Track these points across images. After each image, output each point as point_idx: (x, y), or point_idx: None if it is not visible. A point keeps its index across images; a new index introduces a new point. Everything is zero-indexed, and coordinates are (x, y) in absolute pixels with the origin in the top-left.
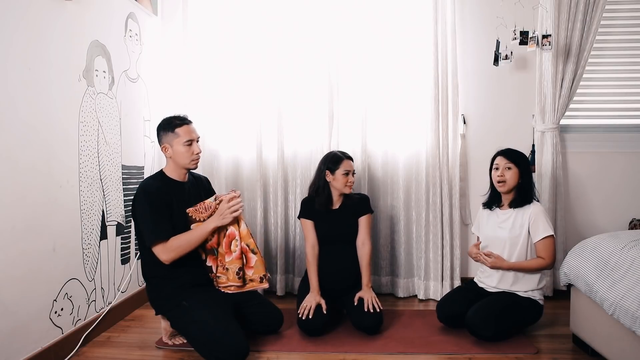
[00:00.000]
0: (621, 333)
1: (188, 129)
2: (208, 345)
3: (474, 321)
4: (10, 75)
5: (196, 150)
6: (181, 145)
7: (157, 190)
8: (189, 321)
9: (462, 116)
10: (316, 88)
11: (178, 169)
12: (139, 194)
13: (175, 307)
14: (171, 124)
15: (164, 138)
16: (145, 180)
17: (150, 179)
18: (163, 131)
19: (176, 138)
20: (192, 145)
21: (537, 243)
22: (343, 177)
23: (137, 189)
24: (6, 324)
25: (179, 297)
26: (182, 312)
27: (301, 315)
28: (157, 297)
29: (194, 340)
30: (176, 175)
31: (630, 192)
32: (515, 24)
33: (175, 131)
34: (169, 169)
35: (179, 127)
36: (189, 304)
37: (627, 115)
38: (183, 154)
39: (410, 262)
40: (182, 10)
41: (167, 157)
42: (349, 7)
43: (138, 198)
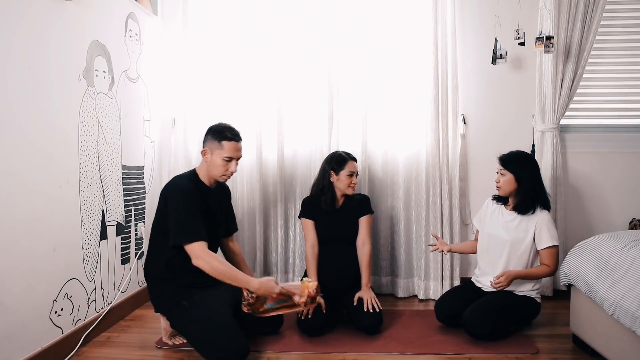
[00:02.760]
0: (621, 333)
1: (234, 146)
2: (208, 345)
3: (470, 320)
4: (10, 76)
5: (232, 169)
6: (220, 159)
7: (193, 191)
8: (189, 321)
9: (462, 116)
10: (316, 88)
11: (209, 176)
12: (175, 192)
13: (175, 306)
14: (221, 135)
15: (209, 143)
16: (179, 178)
17: (185, 178)
18: (211, 136)
19: (219, 149)
20: (230, 163)
21: (541, 251)
22: (347, 178)
23: (169, 186)
24: (6, 324)
25: (179, 296)
26: (182, 312)
27: (300, 315)
28: (158, 295)
29: (193, 340)
30: (206, 180)
31: (630, 192)
32: (518, 24)
33: (222, 143)
34: (202, 171)
35: (226, 141)
36: (189, 304)
37: (627, 115)
38: (218, 167)
39: (410, 262)
40: (182, 10)
41: (203, 162)
42: (348, 7)
43: (173, 196)
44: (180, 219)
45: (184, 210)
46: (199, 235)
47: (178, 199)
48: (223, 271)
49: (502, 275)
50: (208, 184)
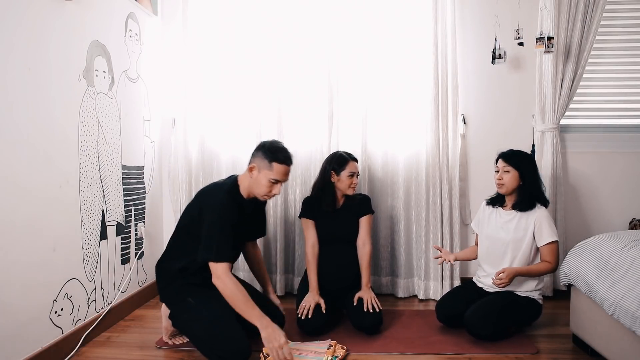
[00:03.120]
0: (621, 333)
1: (284, 170)
2: (210, 344)
3: (472, 320)
4: (10, 76)
5: (275, 192)
6: (267, 179)
7: (232, 208)
8: (193, 318)
9: (462, 116)
10: (316, 88)
11: (249, 191)
12: (214, 206)
13: (181, 301)
14: (274, 156)
15: (259, 160)
16: (220, 189)
17: (226, 191)
18: (263, 153)
19: (268, 170)
20: (276, 185)
21: (541, 247)
22: (348, 179)
23: (209, 196)
24: (6, 324)
25: (185, 292)
26: (187, 308)
27: (300, 315)
28: (165, 286)
29: (195, 337)
30: (245, 194)
31: (630, 192)
32: (518, 24)
33: (272, 164)
34: (243, 184)
35: (277, 163)
36: (195, 301)
37: (627, 115)
38: (262, 187)
39: (410, 262)
40: (182, 10)
41: (248, 175)
42: (348, 7)
43: (211, 209)
44: (213, 236)
45: (219, 227)
46: (226, 256)
47: (216, 214)
48: (238, 299)
49: (502, 272)
50: (246, 197)
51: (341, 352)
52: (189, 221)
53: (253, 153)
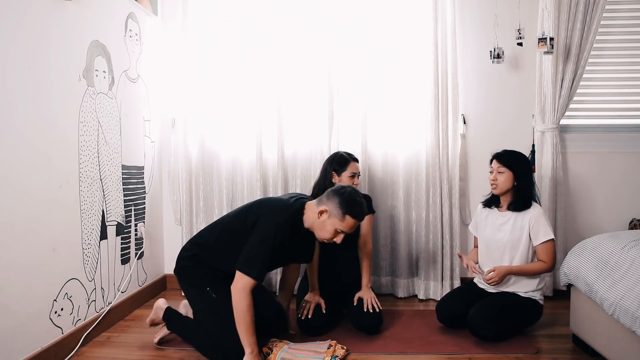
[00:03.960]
0: (621, 333)
1: (354, 225)
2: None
3: (475, 321)
4: (10, 76)
5: (338, 241)
6: (334, 228)
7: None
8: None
9: (462, 116)
10: (316, 88)
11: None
12: (270, 223)
13: (201, 288)
14: (350, 210)
15: (332, 206)
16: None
17: (291, 215)
18: (339, 202)
19: (339, 220)
20: (338, 235)
21: (537, 247)
22: (349, 180)
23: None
24: (6, 324)
25: (207, 280)
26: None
27: (300, 315)
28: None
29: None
30: (306, 225)
31: (630, 192)
32: (519, 24)
33: (345, 217)
34: (309, 216)
35: (351, 217)
36: (214, 293)
37: (627, 115)
38: (327, 233)
39: (410, 262)
40: (182, 10)
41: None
42: (348, 7)
43: (267, 225)
44: (254, 249)
45: (265, 245)
46: (256, 274)
47: (270, 231)
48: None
49: (492, 271)
50: (306, 227)
51: (341, 352)
52: (239, 226)
53: (328, 194)
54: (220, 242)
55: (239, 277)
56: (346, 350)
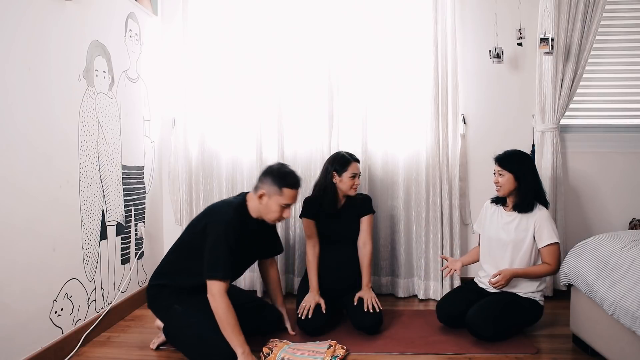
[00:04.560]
0: (621, 333)
1: (295, 194)
2: (200, 349)
3: (474, 321)
4: (10, 76)
5: (286, 216)
6: (277, 205)
7: (237, 227)
8: (181, 325)
9: (462, 116)
10: (316, 88)
11: (259, 215)
12: (221, 222)
13: (167, 308)
14: (284, 181)
15: (267, 187)
16: (229, 207)
17: (234, 210)
18: (272, 180)
19: (278, 196)
20: (287, 209)
21: (542, 249)
22: (350, 180)
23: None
24: (6, 324)
25: (172, 300)
26: (174, 316)
27: (300, 315)
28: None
29: (184, 345)
30: (255, 215)
31: (630, 192)
32: (520, 24)
33: (282, 190)
34: (252, 206)
35: (288, 189)
36: (182, 308)
37: (627, 115)
38: (273, 212)
39: (410, 262)
40: (182, 10)
41: (257, 199)
42: (348, 7)
43: (216, 227)
44: (212, 253)
45: (222, 246)
46: (224, 275)
47: (221, 231)
48: (228, 322)
49: (498, 274)
50: (255, 217)
51: (341, 352)
52: (193, 238)
53: (260, 179)
54: (181, 259)
55: (209, 285)
56: (346, 350)
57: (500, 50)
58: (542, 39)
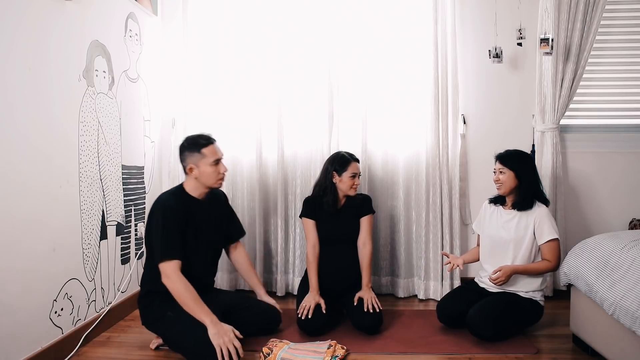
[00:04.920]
0: (621, 333)
1: (214, 148)
2: (199, 352)
3: (474, 321)
4: (10, 76)
5: (223, 170)
6: (208, 166)
7: (175, 206)
8: (177, 330)
9: (462, 116)
10: (316, 88)
11: (201, 188)
12: (157, 208)
13: (161, 318)
14: (197, 144)
15: (190, 158)
16: (164, 194)
17: (170, 194)
18: (188, 151)
19: (203, 158)
20: (219, 165)
21: (542, 246)
22: (350, 180)
23: (155, 202)
24: (6, 324)
25: (165, 308)
26: (169, 323)
27: (300, 315)
28: (146, 307)
29: (184, 349)
30: (197, 194)
31: (630, 192)
32: (520, 24)
33: (202, 151)
34: (189, 186)
35: (205, 147)
36: (175, 314)
37: (627, 115)
38: (210, 174)
39: (410, 262)
40: (182, 10)
41: (192, 178)
42: (349, 7)
43: (155, 211)
44: (158, 236)
45: (162, 227)
46: (173, 254)
47: (159, 215)
48: (187, 297)
49: (499, 271)
50: (198, 197)
51: (341, 352)
52: (147, 234)
53: (180, 158)
54: (150, 260)
55: (162, 268)
56: (346, 350)
57: (500, 50)
58: (542, 39)
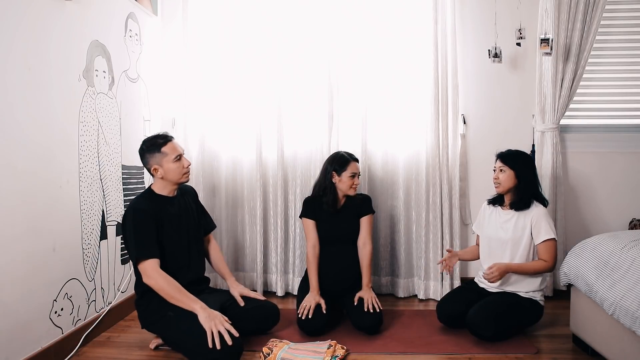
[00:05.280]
0: (621, 333)
1: (173, 145)
2: (202, 351)
3: (474, 321)
4: (10, 76)
5: (186, 164)
6: (171, 163)
7: (146, 208)
8: (178, 330)
9: (462, 116)
10: (316, 88)
11: (169, 186)
12: (128, 212)
13: (161, 318)
14: (156, 144)
15: (152, 160)
16: (135, 198)
17: (140, 197)
18: (149, 153)
19: (165, 157)
20: (182, 160)
21: (538, 245)
22: (349, 180)
23: (127, 208)
24: (6, 324)
25: (164, 308)
26: (169, 323)
27: (301, 315)
28: (145, 310)
29: (185, 349)
30: (166, 192)
31: (630, 192)
32: (521, 24)
33: (162, 150)
34: (157, 186)
35: (164, 146)
36: (175, 314)
37: (627, 115)
38: (174, 171)
39: (410, 262)
40: (182, 10)
41: (158, 178)
42: (349, 7)
43: (126, 216)
44: (132, 239)
45: (134, 229)
46: (149, 253)
47: (129, 218)
48: (171, 289)
49: (492, 267)
50: (169, 195)
51: (341, 352)
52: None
53: (142, 161)
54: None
55: (141, 268)
56: (346, 350)
57: (500, 50)
58: (542, 40)
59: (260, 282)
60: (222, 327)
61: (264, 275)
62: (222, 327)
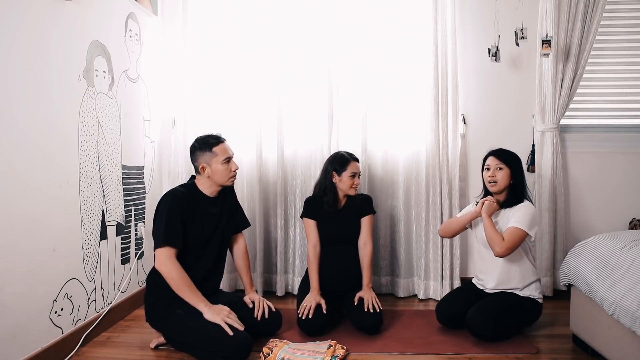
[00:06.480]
0: (621, 333)
1: (224, 147)
2: (210, 349)
3: (474, 321)
4: (10, 76)
5: (234, 167)
6: (220, 164)
7: (182, 197)
8: (186, 329)
9: (462, 116)
10: (316, 88)
11: (213, 186)
12: (166, 197)
13: (170, 315)
14: (208, 144)
15: (201, 158)
16: (178, 186)
17: (181, 186)
18: (200, 151)
19: (214, 157)
20: (230, 163)
21: (506, 229)
22: (349, 179)
23: (165, 193)
24: (6, 324)
25: (173, 305)
26: (178, 321)
27: (301, 315)
28: (152, 304)
29: (194, 348)
30: (209, 192)
31: (630, 192)
32: (522, 24)
33: (213, 150)
34: (202, 184)
35: (216, 146)
36: (184, 312)
37: (627, 115)
38: (221, 172)
39: (410, 262)
40: (182, 10)
41: (204, 177)
42: (349, 6)
43: (163, 199)
44: (162, 222)
45: (167, 215)
46: (170, 241)
47: (164, 203)
48: (183, 283)
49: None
50: (211, 195)
51: (341, 352)
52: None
53: (192, 159)
54: None
55: (157, 253)
56: (346, 350)
57: (499, 50)
58: (544, 40)
59: (260, 282)
60: (229, 319)
61: (264, 275)
62: (229, 319)
